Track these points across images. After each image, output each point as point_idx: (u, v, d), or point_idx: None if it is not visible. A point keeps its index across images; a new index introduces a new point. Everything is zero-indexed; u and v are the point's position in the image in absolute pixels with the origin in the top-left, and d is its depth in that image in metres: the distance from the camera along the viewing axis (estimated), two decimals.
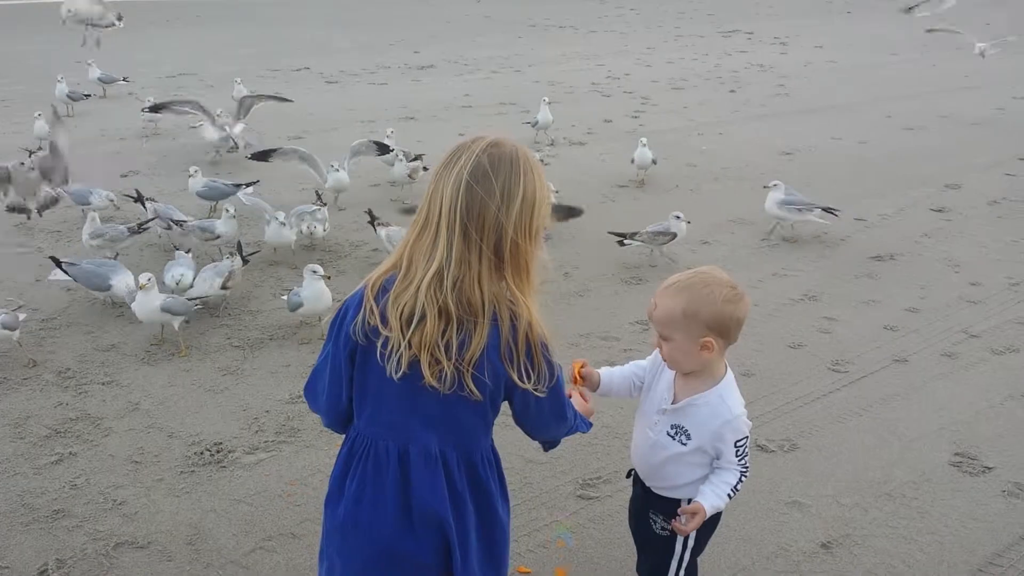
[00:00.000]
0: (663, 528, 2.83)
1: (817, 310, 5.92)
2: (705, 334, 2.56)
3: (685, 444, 2.66)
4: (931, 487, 4.01)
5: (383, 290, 2.10)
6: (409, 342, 2.04)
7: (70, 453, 4.19)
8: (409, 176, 8.10)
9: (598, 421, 4.31)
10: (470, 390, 2.08)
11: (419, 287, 2.04)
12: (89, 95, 11.96)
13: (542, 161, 8.54)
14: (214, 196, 7.43)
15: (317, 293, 5.23)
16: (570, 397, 2.48)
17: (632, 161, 8.68)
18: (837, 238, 7.33)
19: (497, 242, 2.05)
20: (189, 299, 5.33)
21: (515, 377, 2.10)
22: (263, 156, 7.56)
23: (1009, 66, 16.45)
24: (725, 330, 2.59)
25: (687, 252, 6.83)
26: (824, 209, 7.19)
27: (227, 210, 6.50)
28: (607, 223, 7.13)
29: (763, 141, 10.61)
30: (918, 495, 3.95)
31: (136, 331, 5.43)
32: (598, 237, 6.95)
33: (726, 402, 2.64)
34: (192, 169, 7.52)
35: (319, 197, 7.32)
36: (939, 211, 8.10)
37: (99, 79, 12.72)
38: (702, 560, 3.39)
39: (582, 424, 2.51)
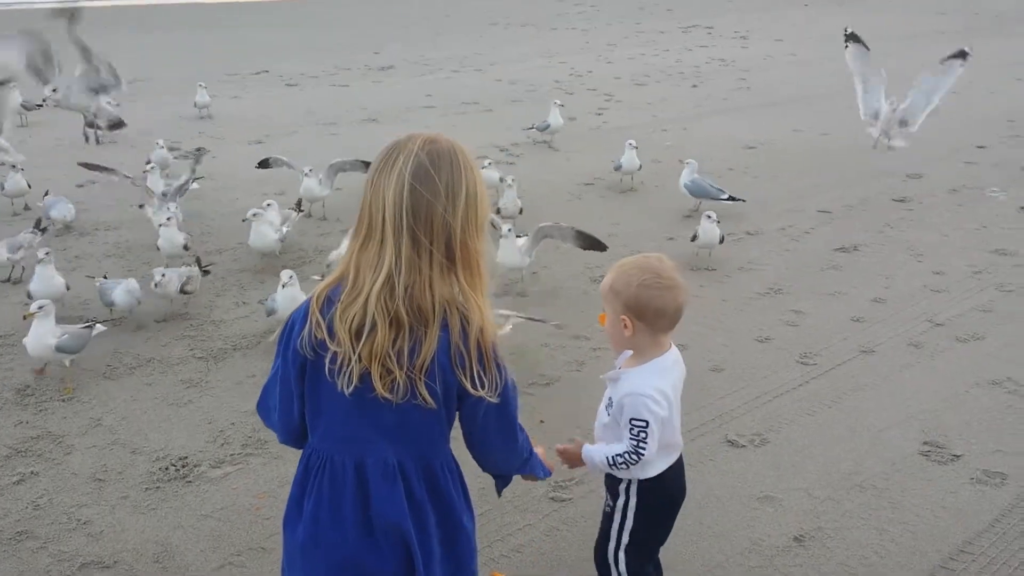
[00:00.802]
0: (608, 504, 2.94)
1: (783, 303, 5.95)
2: (623, 312, 2.71)
3: (608, 415, 2.81)
4: (901, 477, 4.03)
5: (328, 302, 2.05)
6: (359, 355, 1.99)
7: (31, 473, 4.09)
8: None
9: (571, 423, 4.30)
10: (423, 398, 2.03)
11: (368, 297, 1.98)
12: (42, 104, 11.67)
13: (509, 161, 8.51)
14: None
15: (289, 300, 5.15)
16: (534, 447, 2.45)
17: (619, 168, 8.40)
18: (801, 231, 7.38)
19: (447, 243, 2.01)
20: (84, 326, 5.06)
21: (468, 385, 2.05)
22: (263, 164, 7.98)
23: None
24: (640, 313, 2.69)
25: (655, 248, 6.83)
26: (729, 198, 7.44)
27: (168, 219, 6.28)
28: (574, 222, 7.10)
29: (726, 135, 10.67)
30: (889, 485, 3.97)
31: (95, 346, 5.30)
32: None
33: (634, 379, 2.73)
34: (149, 166, 7.47)
35: (298, 205, 7.21)
36: (901, 201, 8.18)
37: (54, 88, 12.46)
38: (675, 556, 3.39)
39: (539, 468, 2.46)
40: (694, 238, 6.50)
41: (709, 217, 6.43)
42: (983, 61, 16.07)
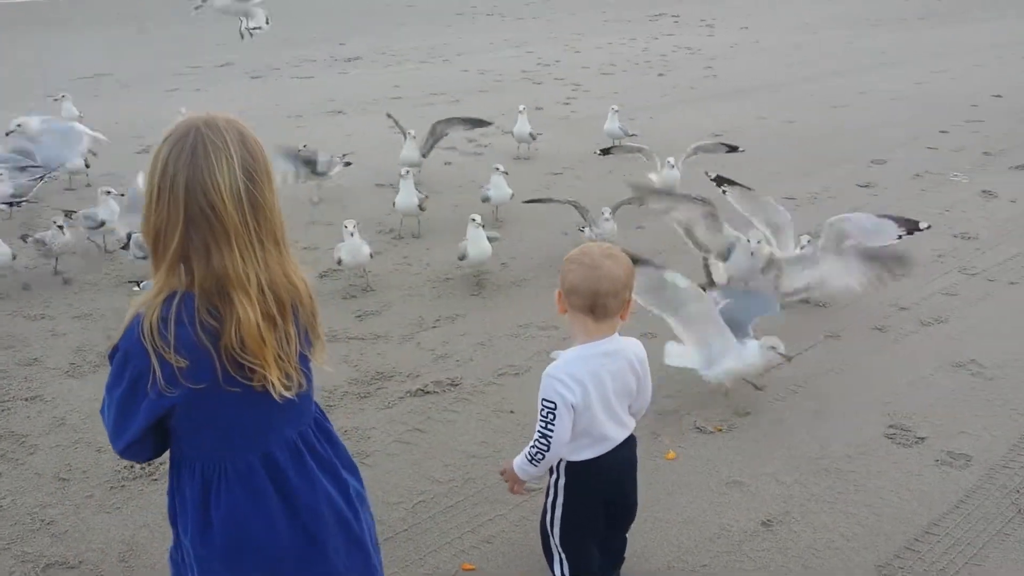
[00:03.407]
0: (548, 478, 3.09)
1: None
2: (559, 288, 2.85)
3: None
4: (866, 460, 4.08)
5: (171, 323, 1.90)
6: (250, 368, 1.97)
7: None
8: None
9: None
10: (301, 383, 2.08)
11: (246, 307, 1.91)
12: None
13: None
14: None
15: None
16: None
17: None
18: None
19: (273, 222, 1.99)
20: None
21: (317, 359, 2.14)
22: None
23: (927, 41, 16.88)
24: (562, 288, 2.82)
25: (621, 238, 6.83)
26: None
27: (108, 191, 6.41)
28: (543, 211, 7.11)
29: (693, 123, 10.69)
30: (854, 468, 4.01)
31: (59, 344, 5.24)
32: (534, 226, 6.93)
33: (557, 362, 2.84)
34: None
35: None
36: (866, 187, 8.24)
37: None
38: (644, 542, 3.41)
39: None
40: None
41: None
42: (947, 47, 16.28)
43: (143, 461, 2.18)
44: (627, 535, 3.30)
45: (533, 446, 2.84)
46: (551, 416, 2.77)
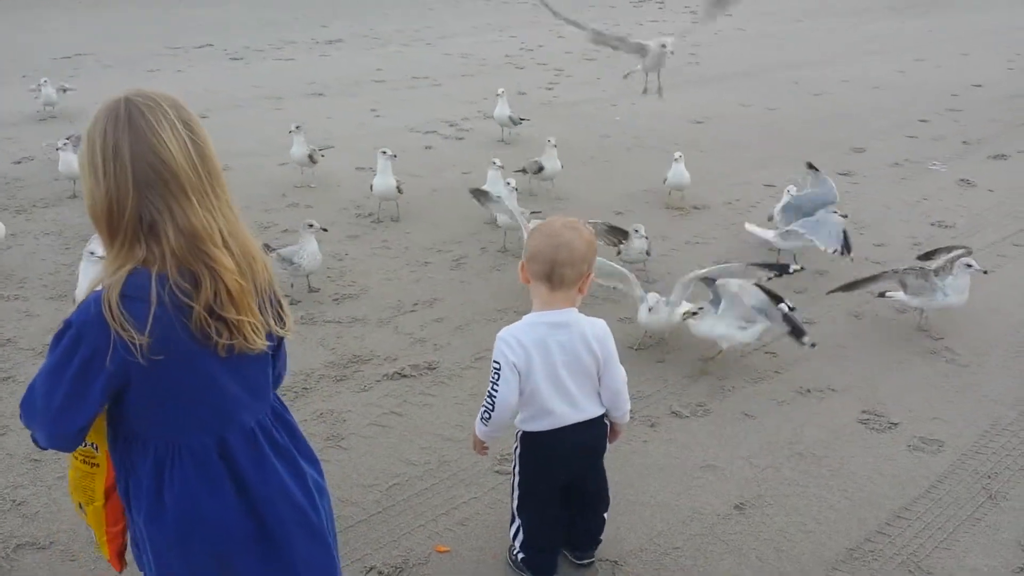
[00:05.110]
0: None
1: None
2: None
3: None
4: (840, 445, 4.10)
5: (159, 303, 1.86)
6: (217, 329, 1.93)
7: None
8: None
9: None
10: (260, 343, 2.01)
11: (220, 257, 1.90)
12: None
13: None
14: None
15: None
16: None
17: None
18: (747, 204, 7.44)
19: (221, 180, 1.98)
20: None
21: (275, 327, 2.07)
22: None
23: (913, 30, 16.93)
24: (527, 256, 2.88)
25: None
26: None
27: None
28: (522, 196, 7.09)
29: (675, 110, 10.68)
30: (828, 453, 4.04)
31: (32, 324, 5.20)
32: None
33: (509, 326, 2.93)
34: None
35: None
36: (845, 174, 8.27)
37: None
38: (617, 525, 3.42)
39: None
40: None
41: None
42: (931, 36, 16.35)
43: (71, 451, 2.09)
44: (604, 517, 3.32)
45: (483, 405, 2.91)
46: (496, 376, 2.84)
